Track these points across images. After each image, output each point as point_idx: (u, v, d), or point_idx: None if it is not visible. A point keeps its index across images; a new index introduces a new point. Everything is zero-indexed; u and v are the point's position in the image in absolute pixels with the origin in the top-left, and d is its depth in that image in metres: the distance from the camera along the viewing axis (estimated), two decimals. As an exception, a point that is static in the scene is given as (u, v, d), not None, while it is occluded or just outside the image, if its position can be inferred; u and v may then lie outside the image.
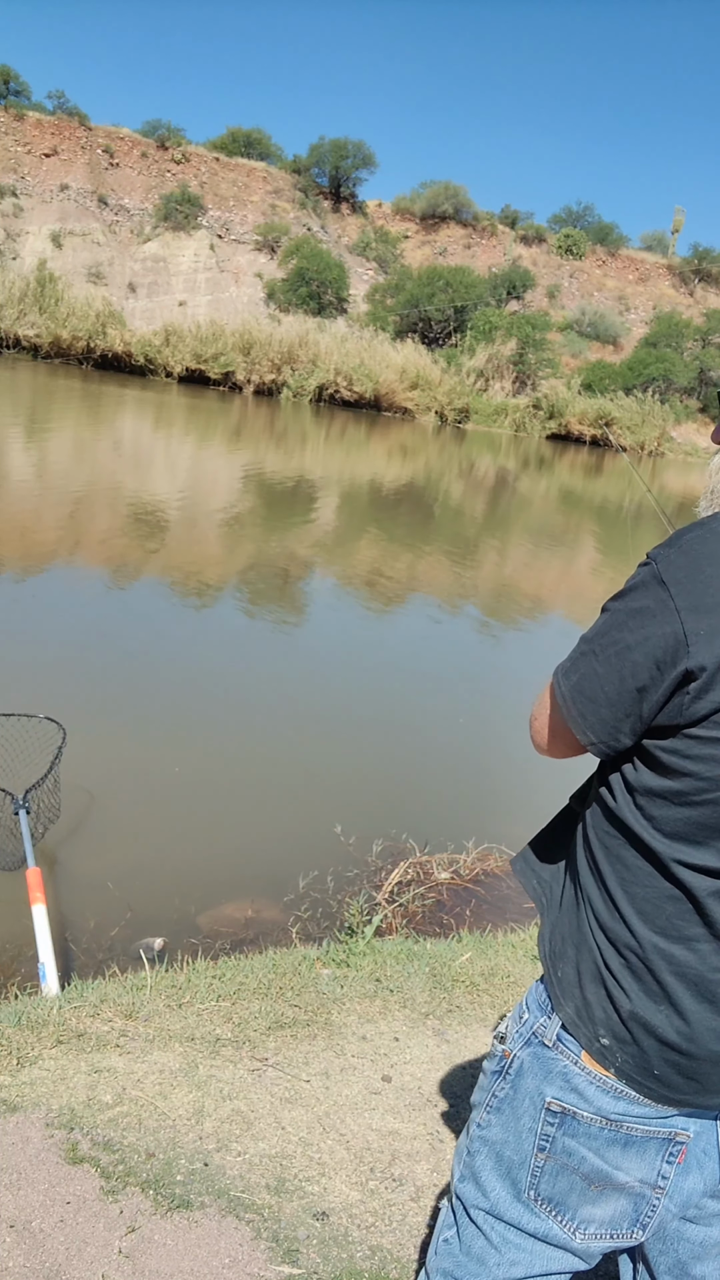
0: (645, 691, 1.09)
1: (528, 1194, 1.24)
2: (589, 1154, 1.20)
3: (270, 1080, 2.46)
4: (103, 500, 11.58)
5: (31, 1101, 2.24)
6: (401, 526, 13.71)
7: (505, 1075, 1.27)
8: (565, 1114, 1.20)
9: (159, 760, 4.99)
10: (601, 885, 1.18)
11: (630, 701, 1.10)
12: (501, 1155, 1.26)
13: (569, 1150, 1.20)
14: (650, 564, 1.11)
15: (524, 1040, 1.26)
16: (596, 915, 1.19)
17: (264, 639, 7.64)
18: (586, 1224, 1.23)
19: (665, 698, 1.08)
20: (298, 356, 28.10)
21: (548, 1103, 1.21)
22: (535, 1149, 1.22)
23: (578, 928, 1.22)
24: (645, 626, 1.08)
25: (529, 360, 32.67)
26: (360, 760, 5.58)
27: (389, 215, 42.02)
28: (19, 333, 26.26)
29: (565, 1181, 1.22)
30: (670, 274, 44.00)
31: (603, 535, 16.38)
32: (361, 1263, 1.97)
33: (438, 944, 3.37)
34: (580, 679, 1.15)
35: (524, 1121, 1.24)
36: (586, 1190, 1.21)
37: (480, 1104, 1.32)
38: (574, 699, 1.15)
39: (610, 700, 1.11)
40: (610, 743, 1.14)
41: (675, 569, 1.08)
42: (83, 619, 7.22)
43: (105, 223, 34.54)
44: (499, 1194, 1.27)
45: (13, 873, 3.67)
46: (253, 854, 4.31)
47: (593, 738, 1.15)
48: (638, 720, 1.11)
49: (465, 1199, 1.31)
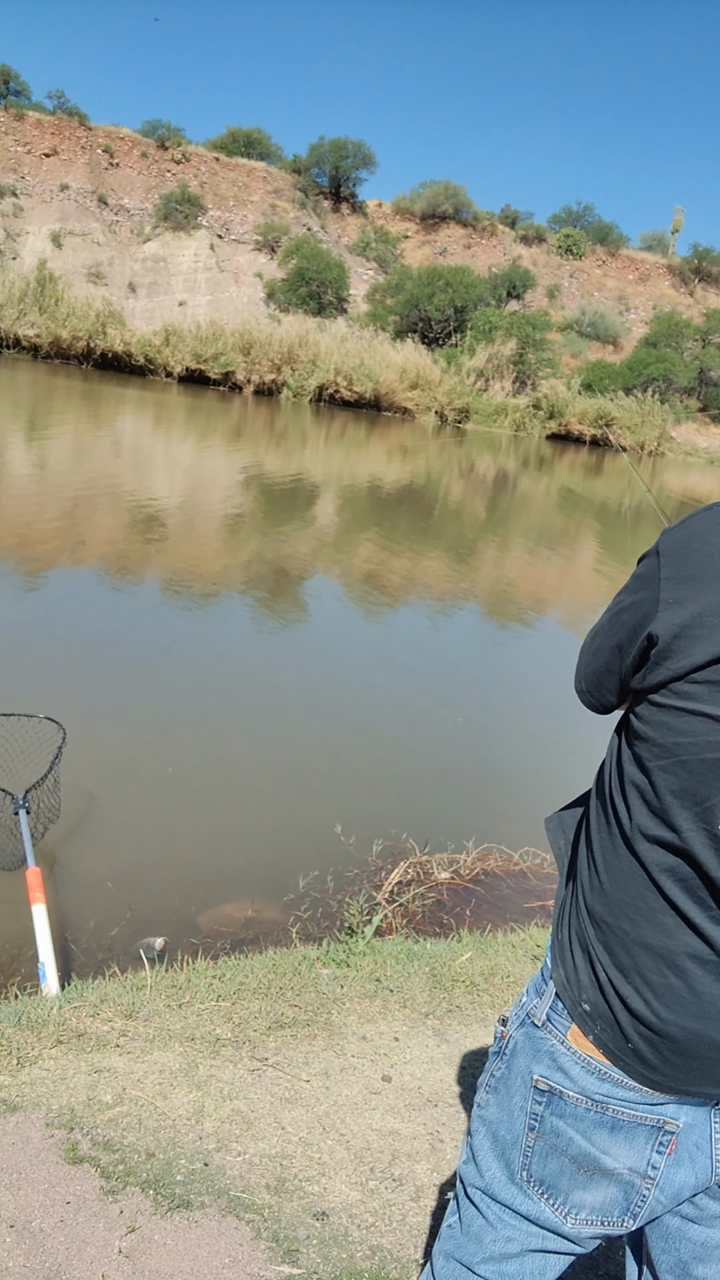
0: (622, 651, 1.16)
1: (520, 1174, 1.27)
2: (575, 1135, 1.22)
3: (270, 1080, 2.46)
4: (103, 500, 11.58)
5: (31, 1101, 2.24)
6: (401, 526, 13.71)
7: (502, 1055, 1.31)
8: (552, 1093, 1.23)
9: (159, 760, 4.99)
10: (589, 854, 1.22)
11: (614, 659, 1.18)
12: (497, 1135, 1.30)
13: (556, 1130, 1.23)
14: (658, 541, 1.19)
15: (518, 1021, 1.30)
16: (582, 883, 1.23)
17: (264, 639, 7.64)
18: (577, 1209, 1.25)
19: (636, 661, 1.14)
20: (298, 356, 28.09)
21: (535, 1080, 1.24)
22: (525, 1128, 1.26)
23: (571, 894, 1.26)
24: (636, 592, 1.15)
25: (529, 360, 32.66)
26: (360, 760, 5.58)
27: (389, 215, 42.02)
28: (19, 333, 26.25)
29: (555, 1163, 1.24)
30: (670, 274, 43.99)
31: (603, 535, 16.38)
32: (361, 1263, 1.97)
33: (438, 944, 3.37)
34: (592, 633, 1.25)
35: (515, 1100, 1.27)
36: (576, 1174, 1.23)
37: (481, 1084, 1.36)
38: (583, 649, 1.25)
39: (599, 652, 1.21)
40: (595, 695, 1.24)
41: (671, 540, 1.13)
42: (83, 619, 7.22)
43: (105, 223, 34.54)
44: (494, 1173, 1.30)
45: (13, 873, 3.67)
46: (253, 854, 4.31)
47: (581, 685, 1.25)
48: (617, 680, 1.18)
49: (465, 1179, 1.35)
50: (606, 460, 28.41)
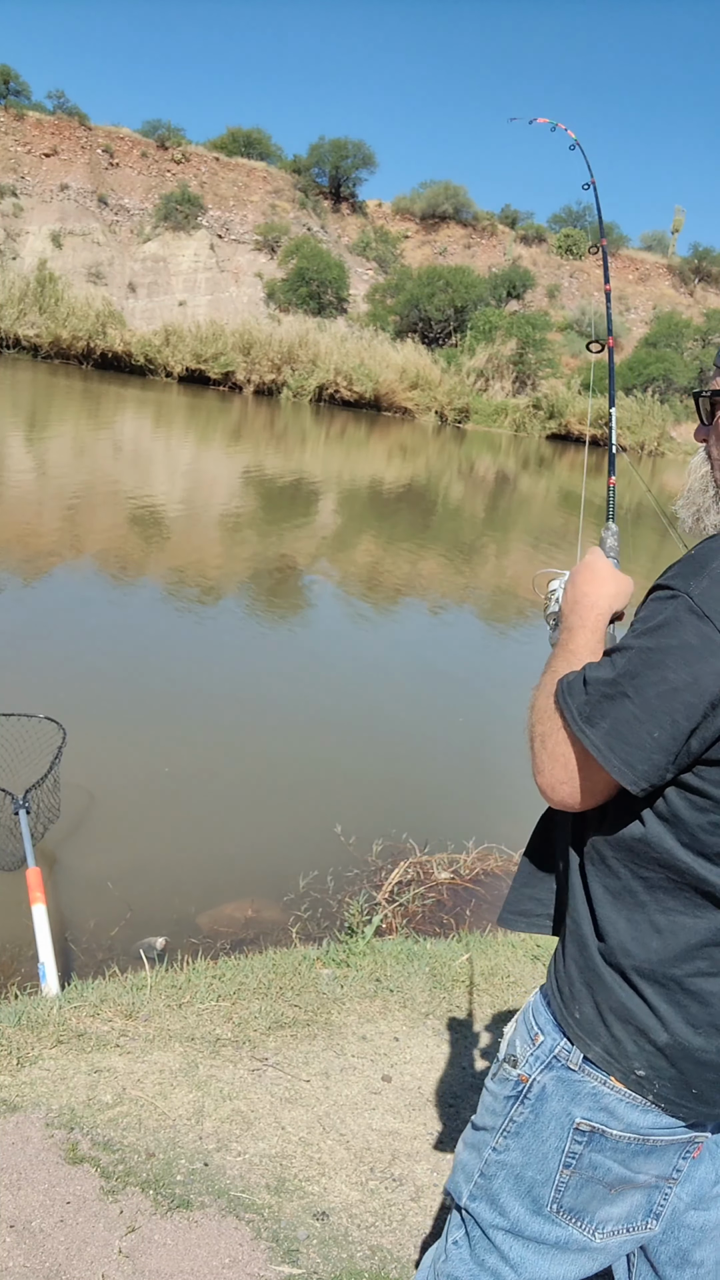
0: (698, 730, 1.04)
1: (550, 1208, 1.23)
2: (615, 1165, 1.20)
3: (270, 1080, 2.46)
4: (103, 500, 11.58)
5: (31, 1101, 2.24)
6: (401, 526, 13.71)
7: (524, 1100, 1.24)
8: (595, 1132, 1.19)
9: (159, 760, 4.99)
10: (629, 921, 1.15)
11: (681, 742, 1.05)
12: (522, 1176, 1.25)
13: (595, 1164, 1.20)
14: (678, 596, 1.06)
15: (543, 1064, 1.23)
16: (618, 952, 1.16)
17: (264, 639, 7.64)
18: (604, 1223, 1.23)
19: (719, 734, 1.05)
20: (298, 356, 28.09)
21: (577, 1124, 1.19)
22: (561, 1166, 1.21)
23: (590, 968, 1.19)
24: (693, 665, 1.03)
25: (529, 360, 32.65)
26: (360, 760, 5.58)
27: (389, 215, 42.01)
28: (19, 333, 26.25)
29: (588, 1191, 1.22)
30: (670, 274, 43.97)
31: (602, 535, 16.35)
32: (361, 1263, 1.97)
33: (438, 944, 3.37)
34: (615, 724, 1.07)
35: (549, 1143, 1.22)
36: (607, 1194, 1.22)
37: (494, 1128, 1.28)
38: (615, 747, 1.07)
39: (662, 745, 1.05)
40: (656, 783, 1.09)
41: (716, 601, 1.03)
42: (83, 619, 7.22)
43: (105, 223, 34.53)
44: (519, 1213, 1.25)
45: (13, 873, 3.67)
46: (253, 854, 4.31)
47: (644, 784, 1.08)
48: (685, 757, 1.06)
49: (481, 1219, 1.29)
50: (607, 460, 28.40)
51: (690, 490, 1.27)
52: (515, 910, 1.36)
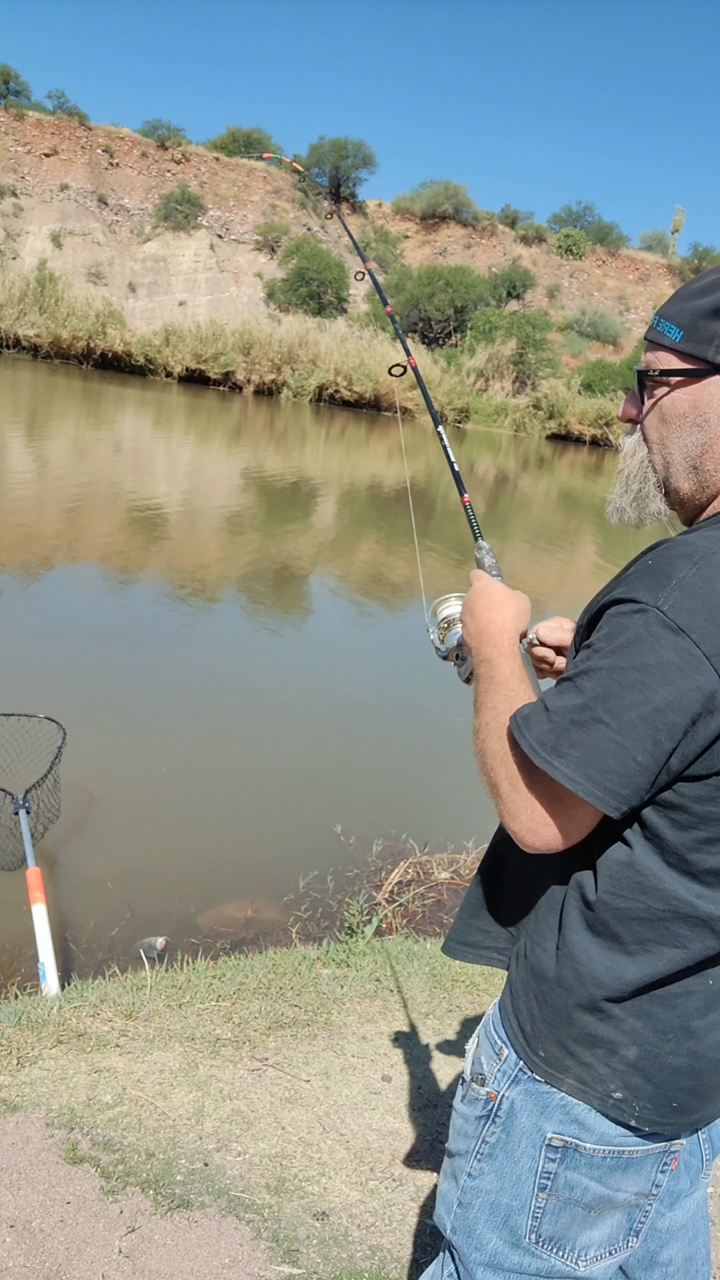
0: (678, 749, 1.00)
1: (528, 1239, 1.18)
2: (592, 1183, 1.15)
3: (270, 1080, 2.46)
4: (103, 500, 11.58)
5: (31, 1101, 2.24)
6: (401, 526, 13.71)
7: (493, 1119, 1.19)
8: (567, 1148, 1.14)
9: (159, 760, 4.99)
10: (603, 950, 1.10)
11: (662, 762, 1.00)
12: (498, 1204, 1.19)
13: (571, 1184, 1.16)
14: (646, 610, 0.99)
15: (510, 1078, 1.18)
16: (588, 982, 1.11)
17: (264, 638, 7.64)
18: (586, 1249, 1.18)
19: (702, 749, 1.00)
20: (298, 356, 28.08)
21: (549, 1139, 1.15)
22: (536, 1189, 1.17)
23: (550, 1002, 1.14)
24: (675, 682, 0.97)
25: (529, 360, 32.64)
26: (360, 760, 5.58)
27: (389, 215, 42.00)
28: (19, 333, 26.23)
29: (567, 1215, 1.17)
30: (670, 274, 43.96)
31: (603, 535, 16.38)
32: (361, 1263, 1.97)
33: (438, 944, 3.37)
34: (591, 752, 1.00)
35: (522, 1164, 1.17)
36: (586, 1217, 1.17)
37: (467, 1152, 1.22)
38: (594, 776, 1.00)
39: (645, 767, 0.99)
40: (635, 805, 1.03)
41: (689, 614, 0.97)
42: (83, 618, 7.22)
43: (105, 223, 34.52)
44: (496, 1245, 1.20)
45: (13, 873, 3.67)
46: (253, 854, 4.31)
47: (625, 808, 1.02)
48: (665, 776, 1.02)
49: (462, 1253, 1.24)
50: (607, 460, 28.40)
51: (627, 476, 1.19)
52: (462, 940, 1.30)
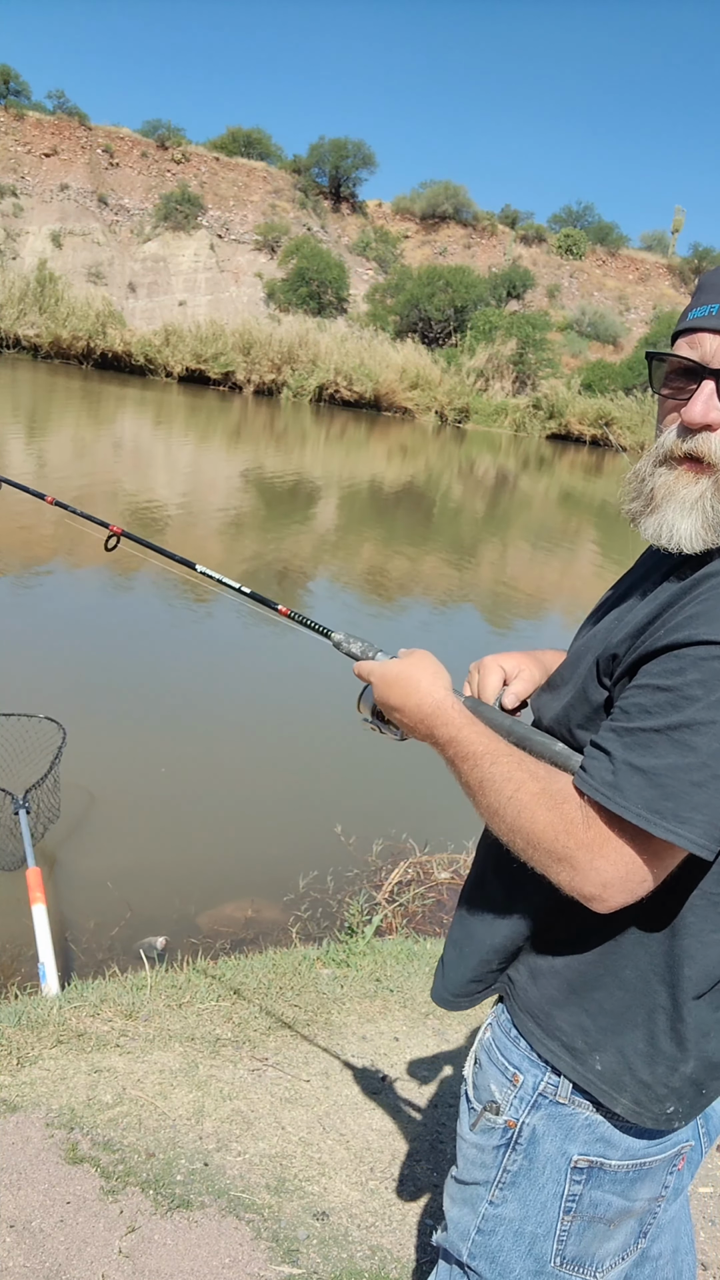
0: None
1: (554, 1262, 1.17)
2: (615, 1198, 1.15)
3: (270, 1080, 2.46)
4: (103, 500, 11.57)
5: (31, 1101, 2.24)
6: (401, 526, 13.71)
7: (514, 1147, 1.17)
8: (593, 1167, 1.14)
9: (159, 760, 4.99)
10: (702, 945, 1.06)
11: None
12: (522, 1231, 1.18)
13: (595, 1202, 1.15)
14: None
15: (529, 1104, 1.15)
16: (688, 983, 1.07)
17: (264, 638, 7.63)
18: (604, 1260, 1.19)
19: None
20: (298, 356, 28.07)
21: (574, 1161, 1.13)
22: (561, 1213, 1.15)
23: (621, 1012, 1.10)
24: None
25: (529, 360, 32.64)
26: (360, 760, 5.57)
27: (389, 215, 42.00)
28: (19, 333, 26.24)
29: (590, 1234, 1.17)
30: (670, 274, 43.97)
31: (603, 535, 16.38)
32: (361, 1263, 1.97)
33: (437, 944, 3.37)
34: (717, 813, 0.94)
35: (548, 1189, 1.15)
36: (606, 1231, 1.17)
37: (487, 1182, 1.20)
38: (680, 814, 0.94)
39: None
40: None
41: None
42: (83, 619, 7.22)
43: (105, 223, 34.53)
44: (520, 1273, 1.19)
45: (13, 873, 3.67)
46: (253, 854, 4.31)
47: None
48: None
49: (484, 1277, 1.22)
50: (607, 460, 28.40)
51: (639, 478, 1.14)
52: (459, 994, 1.25)
